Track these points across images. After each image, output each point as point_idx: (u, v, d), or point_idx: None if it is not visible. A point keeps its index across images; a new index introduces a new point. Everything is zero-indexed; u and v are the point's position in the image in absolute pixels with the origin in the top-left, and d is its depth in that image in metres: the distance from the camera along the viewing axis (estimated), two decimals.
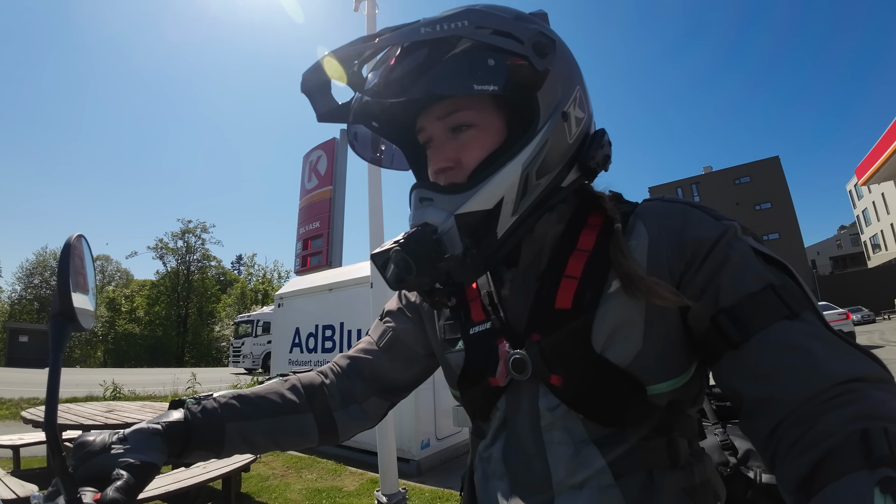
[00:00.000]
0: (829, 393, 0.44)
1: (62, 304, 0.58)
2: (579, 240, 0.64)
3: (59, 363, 0.57)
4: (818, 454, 0.42)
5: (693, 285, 0.57)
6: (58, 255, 0.61)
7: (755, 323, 0.51)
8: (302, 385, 0.78)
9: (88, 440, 0.60)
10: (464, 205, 0.58)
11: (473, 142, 0.63)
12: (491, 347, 0.65)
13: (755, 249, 0.56)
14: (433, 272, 0.59)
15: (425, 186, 0.63)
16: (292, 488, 4.49)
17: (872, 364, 0.47)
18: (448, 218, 0.58)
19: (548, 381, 0.60)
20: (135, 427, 0.62)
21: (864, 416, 0.41)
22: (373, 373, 0.82)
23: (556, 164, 0.63)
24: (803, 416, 0.45)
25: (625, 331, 0.57)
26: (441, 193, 0.60)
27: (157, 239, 49.81)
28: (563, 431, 0.59)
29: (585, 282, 0.61)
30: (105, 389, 11.54)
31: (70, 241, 0.61)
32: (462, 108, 0.63)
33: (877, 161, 15.86)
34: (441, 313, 0.77)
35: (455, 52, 0.59)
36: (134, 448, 0.59)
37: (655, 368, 0.58)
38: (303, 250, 14.16)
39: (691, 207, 0.62)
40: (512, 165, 0.59)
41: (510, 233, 0.61)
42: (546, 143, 0.60)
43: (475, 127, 0.63)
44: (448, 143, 0.64)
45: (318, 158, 14.76)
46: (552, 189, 0.63)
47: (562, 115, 0.62)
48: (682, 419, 0.61)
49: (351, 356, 0.84)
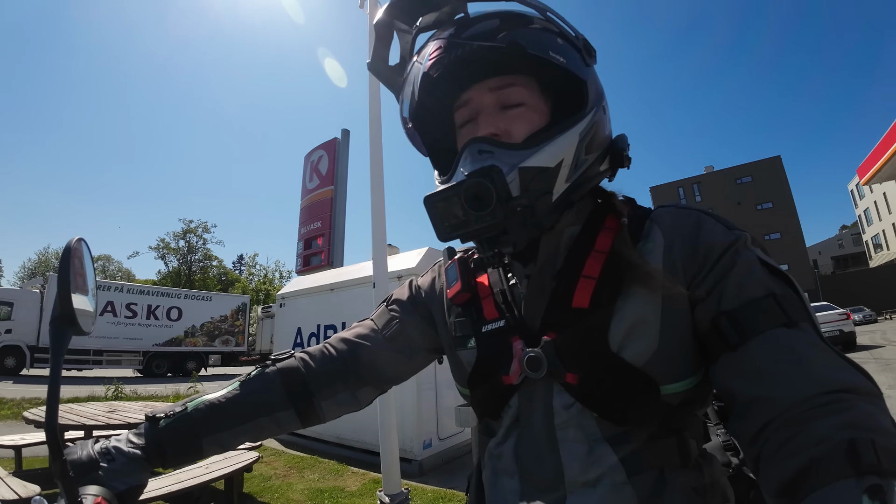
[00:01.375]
0: (819, 400, 0.45)
1: (63, 307, 0.58)
2: (597, 241, 0.66)
3: (59, 366, 0.57)
4: (804, 460, 0.42)
5: (701, 287, 0.58)
6: (59, 256, 0.60)
7: (754, 327, 0.52)
8: (282, 378, 0.76)
9: (73, 455, 0.60)
10: (528, 159, 0.59)
11: (522, 117, 0.65)
12: (504, 345, 0.66)
13: (762, 260, 0.57)
14: (506, 210, 0.57)
15: (486, 141, 0.62)
16: (294, 488, 4.49)
17: (862, 378, 0.48)
18: (512, 170, 0.58)
19: (563, 380, 0.60)
20: (118, 446, 0.64)
21: (851, 426, 0.42)
22: (371, 361, 0.81)
23: (598, 147, 0.66)
24: (791, 420, 0.46)
25: (641, 330, 0.58)
26: (503, 148, 0.60)
27: (159, 239, 50.00)
28: (577, 429, 0.59)
29: (603, 282, 0.61)
30: (107, 390, 11.53)
31: (70, 244, 0.61)
32: (517, 84, 0.66)
33: (878, 161, 15.89)
34: (452, 310, 0.77)
35: (529, 27, 0.64)
36: (120, 470, 0.62)
37: (670, 368, 0.58)
38: (304, 250, 14.05)
39: (706, 215, 0.64)
40: (572, 132, 0.62)
41: (562, 199, 0.63)
42: (594, 124, 0.65)
43: (525, 105, 0.65)
44: (497, 114, 0.65)
45: (320, 158, 14.58)
46: (593, 172, 0.67)
47: (602, 108, 0.67)
48: (692, 420, 0.62)
49: (349, 339, 0.82)
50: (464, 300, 0.74)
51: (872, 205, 44.81)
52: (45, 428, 0.56)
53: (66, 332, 0.59)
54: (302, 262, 11.86)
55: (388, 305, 0.86)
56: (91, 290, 0.69)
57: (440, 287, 0.82)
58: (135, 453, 0.64)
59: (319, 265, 11.41)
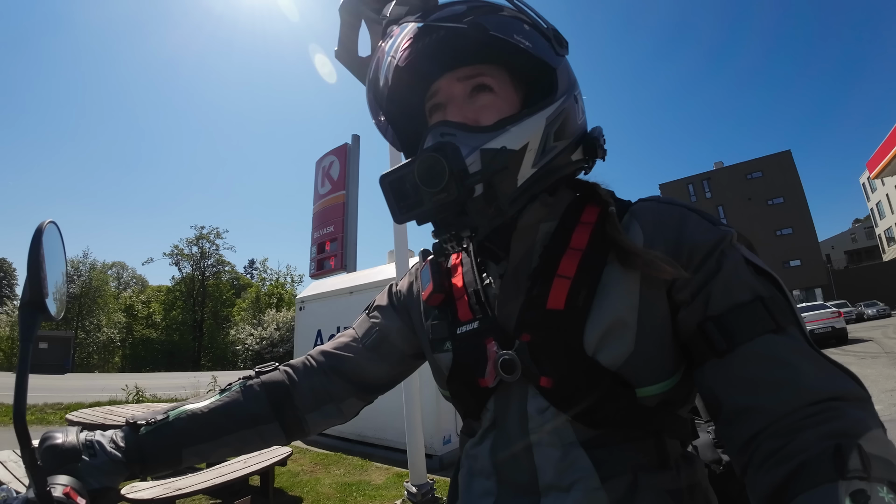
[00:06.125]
0: (810, 410, 0.45)
1: (32, 293, 0.57)
2: (572, 238, 0.64)
3: (28, 352, 0.56)
4: (793, 466, 0.43)
5: (685, 290, 0.57)
6: (28, 244, 0.59)
7: (742, 334, 0.51)
8: (266, 391, 0.75)
9: (57, 440, 0.61)
10: (490, 142, 0.58)
11: (492, 106, 0.64)
12: (479, 347, 0.64)
13: (747, 259, 0.56)
14: (462, 188, 0.56)
15: (448, 124, 0.61)
16: (322, 483, 4.73)
17: (852, 383, 0.48)
18: (473, 151, 0.57)
19: (538, 383, 0.59)
20: (101, 442, 0.64)
21: (840, 433, 0.43)
22: (354, 372, 0.79)
23: (568, 135, 0.65)
24: (782, 430, 0.46)
25: (617, 332, 0.57)
26: (465, 131, 0.59)
27: (173, 245, 51.19)
28: (552, 434, 0.58)
29: (579, 282, 0.60)
30: (128, 394, 11.78)
31: (41, 227, 0.59)
32: (486, 73, 0.65)
33: (888, 154, 15.85)
34: (429, 313, 0.75)
35: (497, 13, 0.64)
36: (100, 467, 0.62)
37: (646, 371, 0.58)
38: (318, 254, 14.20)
39: (689, 210, 0.62)
40: (538, 116, 0.61)
41: (527, 185, 0.61)
42: (563, 111, 0.63)
43: (494, 94, 0.65)
44: (466, 103, 0.65)
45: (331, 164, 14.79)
46: (563, 161, 0.66)
47: (573, 97, 0.66)
48: (673, 420, 0.60)
49: (331, 352, 0.81)
50: (438, 301, 0.73)
51: (885, 198, 44.27)
52: (13, 416, 0.54)
53: (36, 318, 0.58)
54: (316, 265, 11.96)
55: (369, 313, 0.85)
56: (62, 275, 0.66)
57: (417, 290, 0.81)
58: (116, 455, 0.63)
59: (333, 269, 11.55)
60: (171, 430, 0.68)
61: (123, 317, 47.91)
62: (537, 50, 0.62)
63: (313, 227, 13.14)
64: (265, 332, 44.20)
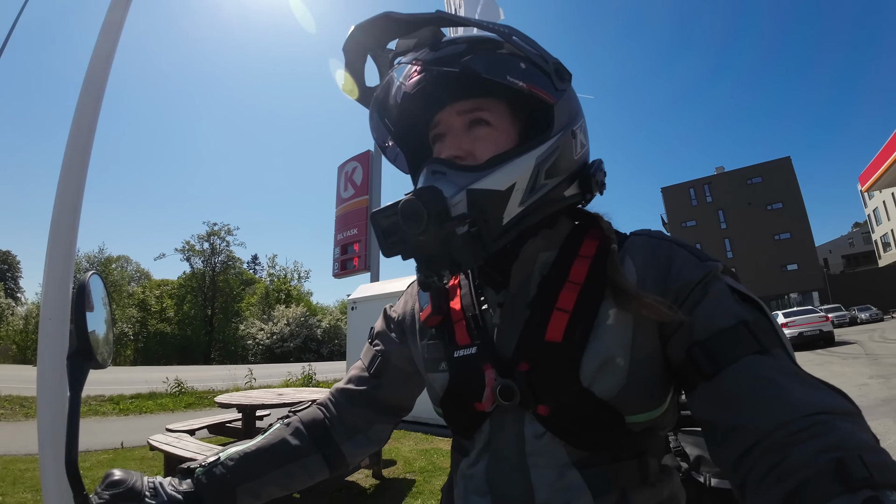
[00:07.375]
0: (798, 424, 0.45)
1: (79, 342, 0.59)
2: (571, 270, 0.65)
3: (77, 402, 0.58)
4: (792, 485, 0.42)
5: (673, 323, 0.58)
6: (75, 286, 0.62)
7: (727, 356, 0.52)
8: (305, 426, 0.79)
9: (121, 479, 0.63)
10: (477, 182, 0.59)
11: (488, 138, 0.65)
12: (476, 372, 0.66)
13: (731, 288, 0.58)
14: (440, 231, 0.57)
15: (440, 162, 0.63)
16: (402, 450, 5.79)
17: (839, 398, 0.48)
18: (459, 191, 0.58)
19: (535, 411, 0.61)
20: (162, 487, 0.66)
21: (834, 447, 0.42)
22: (370, 402, 0.83)
23: (563, 171, 0.65)
24: (773, 446, 0.45)
25: (611, 366, 0.59)
26: (455, 170, 0.61)
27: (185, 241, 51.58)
28: (547, 456, 0.61)
29: (577, 316, 0.61)
30: (169, 387, 12.41)
31: (85, 280, 0.63)
32: (483, 108, 0.66)
33: (879, 169, 16.44)
34: (425, 332, 0.77)
35: (494, 52, 0.65)
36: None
37: (636, 402, 0.60)
38: (341, 255, 15.21)
39: (678, 247, 0.64)
40: (527, 157, 0.61)
41: (514, 223, 0.62)
42: (557, 148, 0.64)
43: (491, 126, 0.66)
44: (463, 135, 0.66)
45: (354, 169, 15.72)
46: (555, 196, 0.66)
47: (571, 133, 0.66)
48: (655, 441, 0.64)
49: (345, 389, 0.85)
50: (435, 323, 0.75)
51: (881, 205, 44.83)
52: (65, 464, 0.56)
53: (83, 367, 0.60)
54: (339, 266, 12.42)
55: (372, 342, 0.87)
56: (107, 324, 0.68)
57: (414, 310, 0.82)
58: (175, 496, 0.66)
59: (356, 269, 12.27)
60: (225, 470, 0.71)
61: (136, 311, 48.36)
62: (533, 87, 0.63)
63: (336, 229, 14.00)
64: (275, 326, 44.80)
